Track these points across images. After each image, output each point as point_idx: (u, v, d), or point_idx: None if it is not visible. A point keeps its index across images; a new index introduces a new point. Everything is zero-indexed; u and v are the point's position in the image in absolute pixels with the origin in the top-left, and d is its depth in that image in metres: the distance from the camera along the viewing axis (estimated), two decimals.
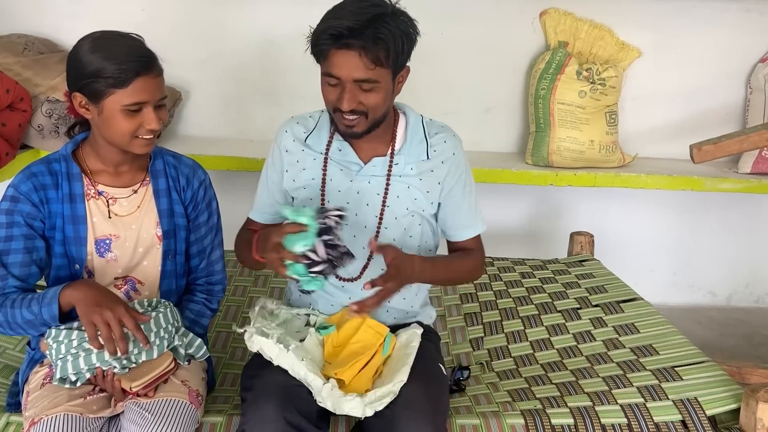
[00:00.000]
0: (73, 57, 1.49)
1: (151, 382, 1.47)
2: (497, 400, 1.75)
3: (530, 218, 3.24)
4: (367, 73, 1.50)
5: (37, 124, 2.55)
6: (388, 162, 1.67)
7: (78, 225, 1.55)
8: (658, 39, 2.90)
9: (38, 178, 1.54)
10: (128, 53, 1.46)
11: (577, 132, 2.77)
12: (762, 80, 2.89)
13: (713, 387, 1.71)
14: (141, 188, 1.61)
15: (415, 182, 1.68)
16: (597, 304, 2.20)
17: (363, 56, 1.47)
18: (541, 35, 2.91)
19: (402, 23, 1.52)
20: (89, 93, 1.47)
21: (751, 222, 3.26)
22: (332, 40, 1.48)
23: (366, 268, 1.70)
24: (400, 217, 1.68)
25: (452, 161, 1.70)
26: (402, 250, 1.61)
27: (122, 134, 1.49)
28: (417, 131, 1.69)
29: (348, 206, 1.66)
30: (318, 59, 1.55)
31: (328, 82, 1.54)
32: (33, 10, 2.82)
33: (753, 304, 3.39)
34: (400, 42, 1.51)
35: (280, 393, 1.45)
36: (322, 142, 1.69)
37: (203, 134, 3.00)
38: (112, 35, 1.50)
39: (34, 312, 1.45)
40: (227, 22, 2.86)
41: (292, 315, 1.71)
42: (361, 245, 1.68)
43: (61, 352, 1.45)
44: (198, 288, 1.72)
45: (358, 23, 1.46)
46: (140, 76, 1.45)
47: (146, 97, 1.47)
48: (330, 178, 1.68)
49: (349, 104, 1.52)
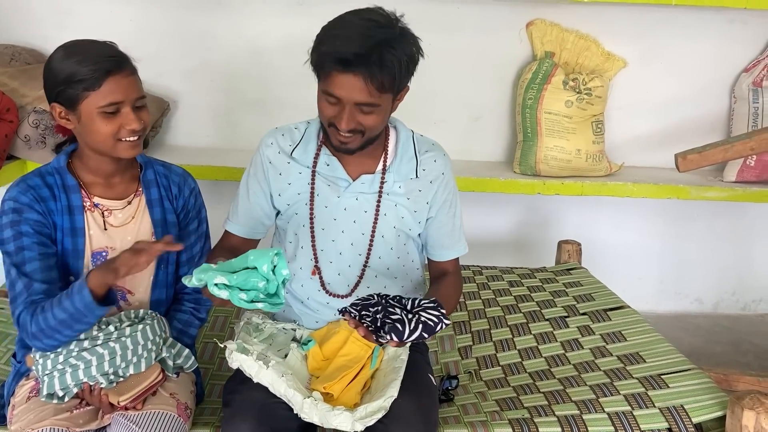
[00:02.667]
0: (47, 67, 1.50)
1: (138, 395, 1.47)
2: (485, 409, 1.75)
3: (518, 227, 3.25)
4: (369, 98, 1.48)
5: (24, 134, 2.54)
6: (379, 179, 1.65)
7: (77, 237, 1.54)
8: (643, 49, 2.93)
9: (37, 191, 1.52)
10: (97, 54, 1.47)
11: (564, 141, 2.79)
12: (746, 90, 2.92)
13: (699, 394, 1.72)
14: (135, 199, 1.61)
15: (402, 201, 1.67)
16: (584, 312, 2.21)
17: (368, 83, 1.45)
18: (527, 46, 2.93)
19: (408, 46, 1.49)
20: (65, 101, 1.47)
21: (736, 230, 3.29)
22: (337, 64, 1.45)
23: (357, 286, 1.69)
24: (387, 235, 1.68)
25: (440, 181, 1.69)
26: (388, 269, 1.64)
27: (104, 138, 1.49)
28: (408, 148, 1.68)
29: (334, 223, 1.66)
30: (318, 75, 1.53)
31: (327, 100, 1.52)
32: (20, 20, 2.81)
33: (740, 312, 3.42)
34: (405, 67, 1.49)
35: (257, 411, 1.44)
36: (309, 155, 1.67)
37: (191, 144, 2.99)
38: (84, 42, 1.52)
39: (65, 308, 1.39)
40: (215, 33, 2.86)
41: (277, 330, 1.70)
42: (347, 263, 1.68)
43: (47, 368, 1.44)
44: (186, 297, 1.71)
45: (365, 48, 1.43)
46: (111, 75, 1.45)
47: (120, 96, 1.47)
48: (317, 193, 1.66)
49: (348, 125, 1.51)
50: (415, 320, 1.43)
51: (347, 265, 1.68)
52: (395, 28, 1.49)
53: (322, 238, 1.67)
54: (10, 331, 1.98)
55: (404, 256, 1.73)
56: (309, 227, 1.67)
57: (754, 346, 3.11)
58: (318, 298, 1.70)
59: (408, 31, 1.51)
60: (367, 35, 1.44)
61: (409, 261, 1.75)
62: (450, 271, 1.77)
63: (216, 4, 2.82)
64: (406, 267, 1.74)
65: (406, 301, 1.50)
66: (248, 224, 1.72)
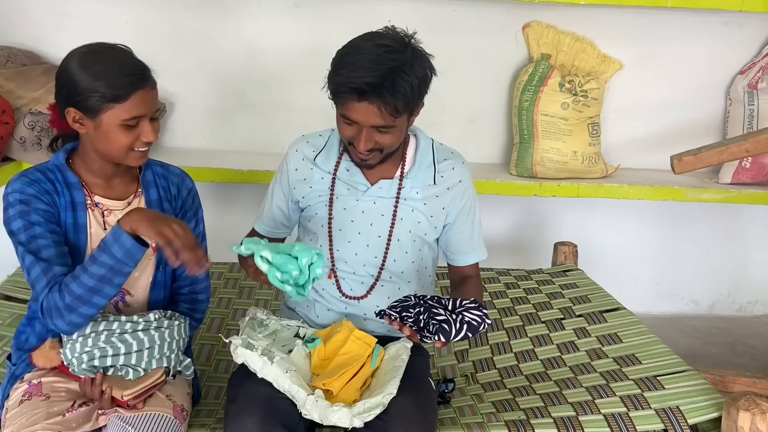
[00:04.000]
0: (64, 74, 1.47)
1: (142, 392, 1.47)
2: (482, 411, 1.75)
3: (514, 228, 3.26)
4: (384, 122, 1.53)
5: (20, 136, 2.54)
6: (397, 185, 1.70)
7: (78, 234, 1.53)
8: (639, 51, 2.94)
9: (40, 185, 1.50)
10: (124, 67, 1.45)
11: (561, 143, 2.79)
12: (741, 92, 2.93)
13: (695, 396, 1.72)
14: (134, 200, 1.61)
15: (419, 206, 1.72)
16: (580, 314, 2.21)
17: (382, 109, 1.50)
18: (524, 48, 2.94)
19: (420, 69, 1.53)
20: (84, 108, 1.45)
21: (732, 231, 3.29)
22: (352, 93, 1.50)
23: (372, 288, 1.74)
24: (403, 239, 1.73)
25: (458, 188, 1.74)
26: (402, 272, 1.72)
27: (119, 148, 1.48)
28: (426, 156, 1.73)
29: (352, 224, 1.71)
30: (335, 101, 1.57)
31: (345, 122, 1.57)
32: (16, 22, 2.80)
33: (735, 313, 3.42)
34: (417, 89, 1.53)
35: (263, 406, 1.45)
36: (330, 161, 1.73)
37: (188, 146, 2.99)
38: (102, 48, 1.49)
39: (102, 261, 1.37)
40: (212, 34, 2.86)
41: (281, 326, 1.72)
42: (361, 264, 1.73)
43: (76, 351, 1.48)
44: (182, 298, 1.71)
45: (378, 77, 1.47)
46: (139, 90, 1.45)
47: (144, 110, 1.47)
48: (336, 196, 1.72)
49: (366, 146, 1.57)
50: (460, 320, 1.46)
51: (362, 265, 1.73)
52: (407, 51, 1.52)
53: (339, 239, 1.73)
54: (4, 333, 1.98)
55: (418, 261, 1.78)
56: (327, 227, 1.73)
57: (750, 347, 3.12)
58: (333, 292, 1.76)
59: (420, 53, 1.55)
60: (379, 62, 1.48)
61: (423, 266, 1.80)
62: (471, 275, 1.83)
63: (212, 6, 2.82)
64: (420, 272, 1.79)
65: (446, 302, 1.53)
66: (270, 225, 1.84)
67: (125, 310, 1.62)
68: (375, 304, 1.72)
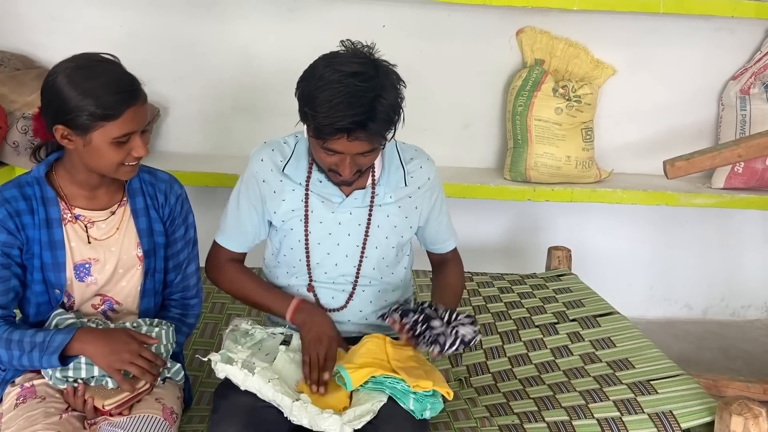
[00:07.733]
0: (51, 90, 1.42)
1: (125, 401, 1.46)
2: (475, 415, 1.75)
3: (508, 233, 3.26)
4: (370, 147, 1.52)
5: (12, 140, 2.53)
6: (371, 193, 1.69)
7: (56, 251, 1.51)
8: (631, 57, 2.95)
9: (11, 205, 1.48)
10: (114, 83, 1.41)
11: (554, 148, 2.80)
12: (733, 97, 2.95)
13: (688, 400, 1.72)
14: (119, 209, 1.58)
15: (393, 210, 1.71)
16: (574, 318, 2.21)
17: (366, 141, 1.50)
18: (517, 53, 2.94)
19: (392, 87, 1.51)
20: (74, 126, 1.41)
21: (725, 236, 3.30)
22: (340, 133, 1.47)
23: (351, 297, 1.73)
24: (381, 245, 1.72)
25: (428, 185, 1.76)
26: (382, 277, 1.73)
27: (110, 164, 1.47)
28: (393, 158, 1.72)
29: (330, 237, 1.69)
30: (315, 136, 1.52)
31: (327, 152, 1.53)
32: (9, 26, 2.80)
33: (729, 318, 3.43)
34: (397, 111, 1.52)
35: (244, 416, 1.45)
36: (301, 172, 1.68)
37: (181, 150, 2.98)
38: (90, 63, 1.44)
39: (33, 359, 1.44)
40: (206, 39, 2.86)
41: (267, 334, 1.71)
42: (341, 273, 1.71)
43: None
44: (173, 303, 1.70)
45: (362, 113, 1.44)
46: (130, 107, 1.42)
47: (135, 126, 1.45)
48: (311, 209, 1.68)
49: (351, 173, 1.55)
50: (454, 334, 1.55)
51: (341, 275, 1.72)
52: (377, 72, 1.49)
53: (318, 252, 1.71)
54: None
55: (396, 263, 1.78)
56: (304, 242, 1.70)
57: (743, 352, 3.13)
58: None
59: (386, 69, 1.52)
60: (357, 95, 1.44)
61: (401, 267, 1.81)
62: (449, 257, 1.91)
63: (206, 11, 2.82)
64: (396, 273, 1.80)
65: (443, 313, 1.58)
66: (239, 239, 1.76)
67: (114, 318, 1.60)
68: (358, 310, 1.73)
